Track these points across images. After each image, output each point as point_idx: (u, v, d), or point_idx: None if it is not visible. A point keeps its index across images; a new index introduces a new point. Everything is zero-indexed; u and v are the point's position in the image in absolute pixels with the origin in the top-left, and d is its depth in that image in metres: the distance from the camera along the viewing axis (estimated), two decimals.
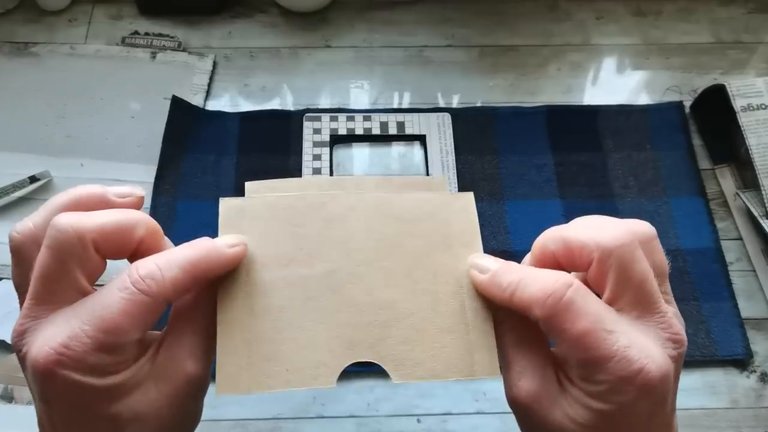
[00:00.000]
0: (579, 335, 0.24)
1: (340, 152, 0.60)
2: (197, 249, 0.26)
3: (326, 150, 0.59)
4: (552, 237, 0.28)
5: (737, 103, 0.57)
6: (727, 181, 0.58)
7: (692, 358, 0.50)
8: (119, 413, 0.24)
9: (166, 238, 0.28)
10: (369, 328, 0.28)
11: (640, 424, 0.25)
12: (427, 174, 0.58)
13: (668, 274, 0.28)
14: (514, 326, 0.28)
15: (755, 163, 0.55)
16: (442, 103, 0.62)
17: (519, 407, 0.26)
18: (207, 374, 0.27)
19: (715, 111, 0.60)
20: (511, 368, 0.27)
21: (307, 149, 0.59)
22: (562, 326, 0.24)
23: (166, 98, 0.60)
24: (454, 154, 0.59)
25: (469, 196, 0.31)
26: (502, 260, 0.29)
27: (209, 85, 0.63)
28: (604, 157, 0.59)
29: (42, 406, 0.25)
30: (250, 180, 0.31)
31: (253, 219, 0.29)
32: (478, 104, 0.62)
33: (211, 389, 0.27)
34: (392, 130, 0.60)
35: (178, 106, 0.60)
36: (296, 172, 0.57)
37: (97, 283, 0.27)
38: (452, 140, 0.59)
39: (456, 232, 0.30)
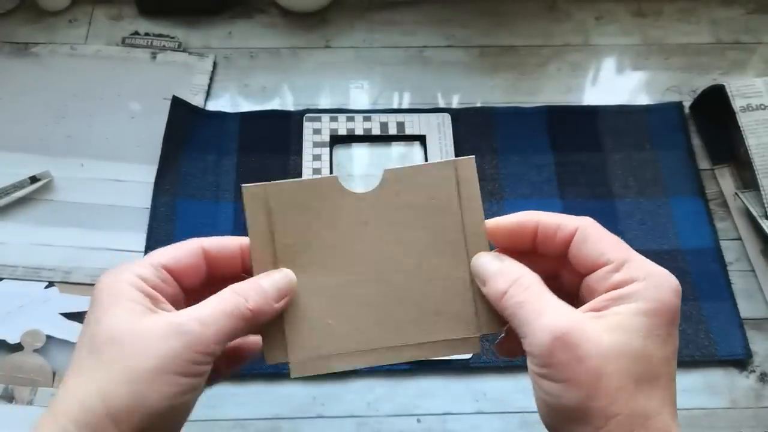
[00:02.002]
0: (616, 239, 0.28)
1: (340, 152, 0.60)
2: (235, 316, 0.28)
3: (326, 150, 0.59)
4: (528, 217, 0.30)
5: (737, 104, 0.57)
6: (726, 181, 0.59)
7: (692, 358, 0.50)
8: (101, 323, 0.26)
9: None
10: (392, 320, 0.30)
11: (671, 337, 0.27)
12: None
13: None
14: (532, 281, 0.28)
15: (754, 163, 0.55)
16: (442, 104, 0.62)
17: (563, 343, 0.25)
18: (192, 327, 0.27)
19: (714, 111, 0.60)
20: (545, 312, 0.27)
21: (307, 149, 0.59)
22: (601, 232, 0.28)
23: (166, 98, 0.60)
24: (454, 155, 0.59)
25: (470, 164, 0.31)
26: (498, 262, 0.29)
27: (209, 85, 0.63)
28: (603, 157, 0.59)
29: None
30: (252, 181, 0.31)
31: (280, 209, 0.30)
32: (478, 104, 0.62)
33: (210, 392, 0.27)
34: (392, 131, 0.60)
35: (178, 106, 0.60)
36: (296, 172, 0.58)
37: None
38: (452, 140, 0.59)
39: (461, 206, 0.31)
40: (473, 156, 0.31)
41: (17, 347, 0.50)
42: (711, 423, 0.49)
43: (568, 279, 0.30)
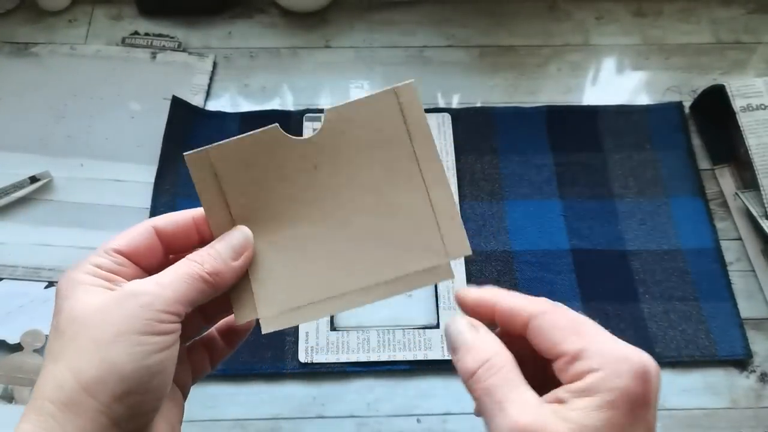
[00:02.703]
0: (571, 323, 0.26)
1: None
2: (194, 278, 0.28)
3: None
4: (487, 297, 0.29)
5: (737, 104, 0.57)
6: (726, 181, 0.59)
7: (692, 358, 0.50)
8: (62, 309, 0.27)
9: None
10: (355, 261, 0.30)
11: (639, 423, 0.25)
12: None
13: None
14: (504, 364, 0.27)
15: (755, 163, 0.55)
16: (442, 103, 0.62)
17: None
18: (147, 288, 0.27)
19: (714, 111, 0.60)
20: (508, 407, 0.25)
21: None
22: (555, 319, 0.26)
23: (166, 98, 0.60)
24: (454, 154, 0.59)
25: (410, 88, 0.31)
26: (472, 333, 0.28)
27: (209, 85, 0.63)
28: (604, 157, 0.59)
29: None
30: None
31: (227, 169, 0.30)
32: (478, 104, 0.62)
33: (210, 389, 0.27)
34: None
35: (178, 106, 0.60)
36: None
37: None
38: (452, 140, 0.59)
39: (413, 139, 0.30)
40: (412, 80, 0.31)
41: (17, 347, 0.50)
42: (711, 423, 0.49)
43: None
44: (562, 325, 0.26)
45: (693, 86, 0.64)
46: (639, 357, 0.25)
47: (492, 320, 0.29)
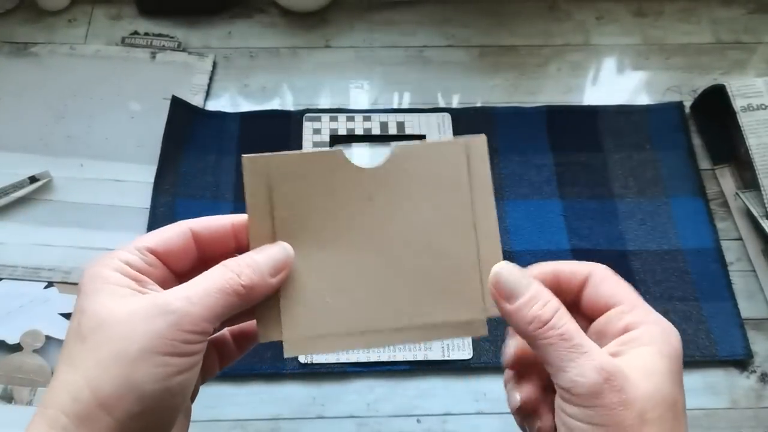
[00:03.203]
0: (627, 285, 0.29)
1: None
2: (227, 292, 0.26)
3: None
4: (542, 269, 0.30)
5: (737, 104, 0.57)
6: (727, 181, 0.58)
7: (692, 358, 0.50)
8: (86, 309, 0.26)
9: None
10: (398, 298, 0.29)
11: (681, 379, 0.27)
12: None
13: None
14: (570, 316, 0.28)
15: (755, 163, 0.55)
16: (442, 104, 0.62)
17: (611, 386, 0.25)
18: (179, 306, 0.26)
19: (715, 111, 0.60)
20: (591, 349, 0.26)
21: (307, 149, 0.59)
22: (615, 276, 0.29)
23: (165, 98, 0.60)
24: None
25: (482, 143, 0.30)
26: (529, 281, 0.28)
27: (209, 85, 0.63)
28: (604, 157, 0.59)
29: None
30: None
31: (282, 182, 0.29)
32: (478, 104, 0.62)
33: (213, 389, 0.27)
34: (392, 131, 0.60)
35: (177, 106, 0.60)
36: None
37: None
38: None
39: (472, 188, 0.30)
40: (485, 135, 0.30)
41: (17, 347, 0.50)
42: (711, 423, 0.49)
43: None
44: (620, 281, 0.29)
45: (693, 86, 0.64)
46: (672, 325, 0.28)
47: (555, 278, 0.30)
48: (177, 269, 0.29)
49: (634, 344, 0.26)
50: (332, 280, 0.29)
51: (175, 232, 0.28)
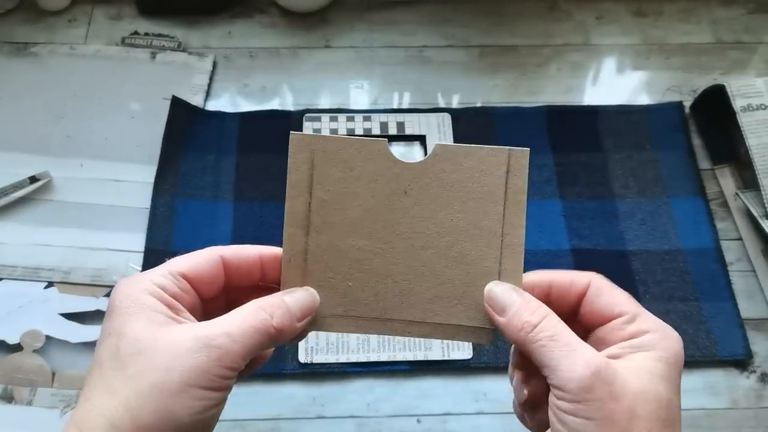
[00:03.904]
0: (625, 294, 0.29)
1: None
2: (261, 333, 0.27)
3: None
4: (538, 277, 0.31)
5: (737, 104, 0.57)
6: (727, 181, 0.58)
7: (692, 359, 0.50)
8: (125, 334, 0.26)
9: None
10: (403, 289, 0.30)
11: (679, 385, 0.28)
12: None
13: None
14: (560, 320, 0.29)
15: (755, 163, 0.55)
16: (442, 104, 0.62)
17: (601, 379, 0.26)
18: (221, 342, 0.26)
19: (715, 111, 0.59)
20: (579, 347, 0.27)
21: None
22: (612, 286, 0.30)
23: (165, 98, 0.60)
24: None
25: (524, 156, 0.32)
26: (520, 294, 0.29)
27: (209, 85, 0.63)
28: (604, 157, 0.59)
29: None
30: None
31: (325, 163, 0.30)
32: (478, 104, 0.62)
33: None
34: (392, 131, 0.60)
35: (177, 106, 0.60)
36: None
37: None
38: (452, 140, 0.59)
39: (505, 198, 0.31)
40: (528, 148, 0.31)
41: (17, 347, 0.50)
42: (711, 423, 0.49)
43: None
44: (619, 292, 0.29)
45: (693, 86, 0.64)
46: (677, 333, 0.28)
47: (546, 300, 0.30)
48: (204, 295, 0.30)
49: (633, 349, 0.27)
50: (357, 266, 0.30)
51: (206, 259, 0.29)
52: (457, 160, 0.30)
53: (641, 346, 0.27)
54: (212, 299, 0.30)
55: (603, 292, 0.29)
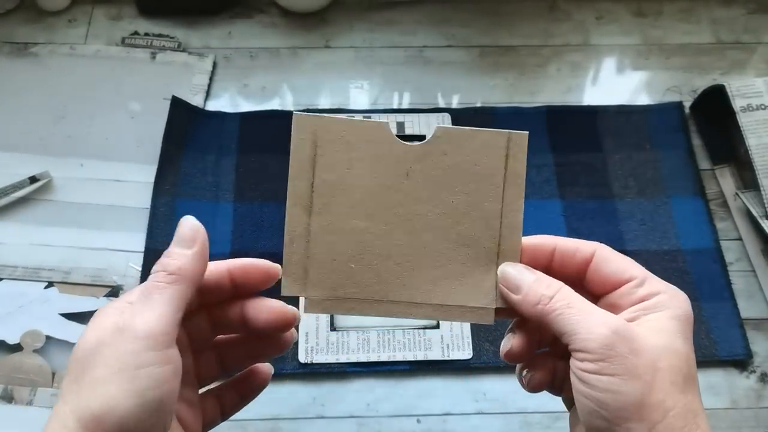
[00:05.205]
0: (631, 259, 0.30)
1: None
2: (169, 297, 0.27)
3: None
4: (542, 241, 0.31)
5: (737, 104, 0.57)
6: (726, 181, 0.58)
7: None
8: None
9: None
10: (403, 266, 0.30)
11: (692, 341, 0.28)
12: None
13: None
14: (572, 291, 0.30)
15: (755, 163, 0.55)
16: (442, 104, 0.62)
17: (621, 337, 0.27)
18: (164, 332, 0.26)
19: (714, 111, 0.60)
20: (596, 310, 0.28)
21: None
22: (618, 253, 0.30)
23: (166, 98, 0.60)
24: None
25: (523, 139, 0.32)
26: (532, 273, 0.30)
27: (209, 85, 0.63)
28: (604, 157, 0.59)
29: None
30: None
31: (327, 144, 0.30)
32: (478, 104, 0.62)
33: None
34: (392, 131, 0.60)
35: (177, 106, 0.60)
36: None
37: None
38: None
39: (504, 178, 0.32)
40: (527, 132, 0.31)
41: (17, 347, 0.50)
42: (711, 423, 0.48)
43: None
44: (626, 258, 0.30)
45: (693, 86, 0.64)
46: (682, 291, 0.29)
47: (548, 263, 0.31)
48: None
49: (646, 311, 0.28)
50: (359, 248, 0.30)
51: (173, 308, 0.27)
52: (458, 143, 0.31)
53: (654, 307, 0.28)
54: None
55: (610, 260, 0.30)
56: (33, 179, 0.56)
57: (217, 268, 0.30)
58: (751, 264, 0.55)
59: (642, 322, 0.28)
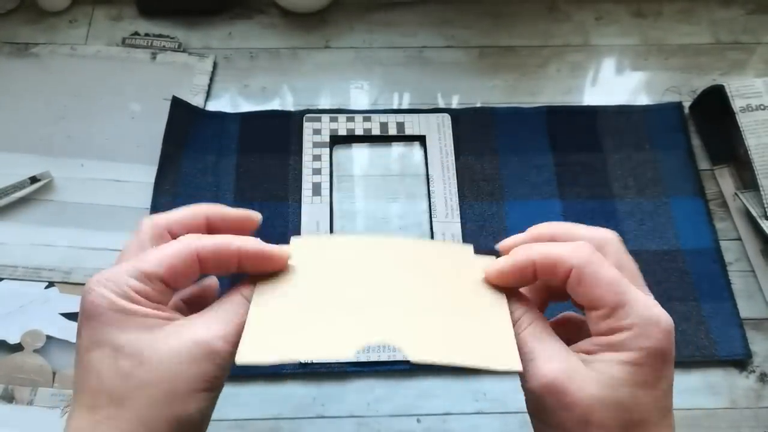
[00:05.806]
0: (611, 280, 0.27)
1: (340, 153, 0.60)
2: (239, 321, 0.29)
3: (326, 150, 0.59)
4: (525, 259, 0.30)
5: (736, 104, 0.57)
6: (726, 181, 0.59)
7: (692, 359, 0.50)
8: (122, 345, 0.26)
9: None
10: (391, 316, 0.29)
11: (662, 378, 0.27)
12: (427, 174, 0.58)
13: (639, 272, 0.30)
14: (532, 321, 0.29)
15: (754, 163, 0.55)
16: (441, 104, 0.63)
17: (550, 391, 0.26)
18: (219, 347, 0.27)
19: (714, 111, 0.60)
20: (537, 357, 0.27)
21: (307, 150, 0.59)
22: (597, 273, 0.27)
23: (166, 99, 0.60)
24: (453, 155, 0.59)
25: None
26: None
27: (209, 85, 0.63)
28: (603, 157, 0.59)
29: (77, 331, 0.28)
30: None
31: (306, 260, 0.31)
32: (478, 105, 0.63)
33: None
34: (392, 131, 0.60)
35: (178, 106, 0.60)
36: (296, 172, 0.58)
37: None
38: (452, 141, 0.59)
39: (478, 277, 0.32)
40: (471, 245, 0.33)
41: (17, 347, 0.50)
42: (711, 423, 0.49)
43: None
44: (603, 280, 0.27)
45: (692, 86, 0.64)
46: (667, 320, 0.27)
47: (533, 280, 0.30)
48: (176, 288, 0.29)
49: (605, 348, 0.27)
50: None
51: (181, 258, 0.28)
52: (430, 252, 0.32)
53: (612, 345, 0.27)
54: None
55: (583, 281, 0.27)
56: (33, 179, 0.56)
57: (230, 252, 0.29)
58: (751, 264, 0.55)
59: (595, 360, 0.27)
